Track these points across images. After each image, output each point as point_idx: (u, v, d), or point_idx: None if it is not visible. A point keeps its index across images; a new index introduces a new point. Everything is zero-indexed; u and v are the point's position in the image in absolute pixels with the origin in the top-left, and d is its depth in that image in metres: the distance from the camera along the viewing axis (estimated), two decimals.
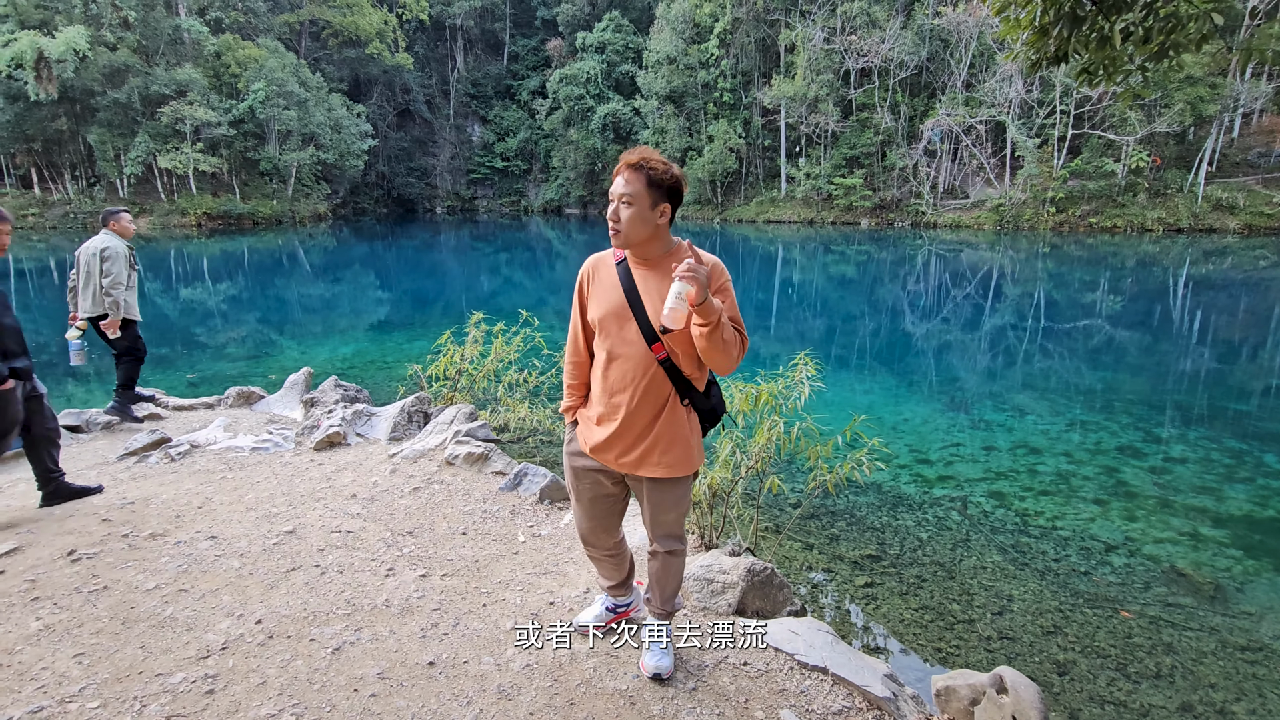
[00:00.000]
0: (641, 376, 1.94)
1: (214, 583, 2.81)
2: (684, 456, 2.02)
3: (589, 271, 2.06)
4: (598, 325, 2.00)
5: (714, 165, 37.77)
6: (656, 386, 1.96)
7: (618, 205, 1.87)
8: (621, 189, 1.86)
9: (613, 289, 1.97)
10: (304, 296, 15.58)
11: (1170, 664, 3.34)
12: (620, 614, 2.49)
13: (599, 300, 2.00)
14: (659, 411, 1.98)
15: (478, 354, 5.58)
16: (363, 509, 3.58)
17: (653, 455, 2.00)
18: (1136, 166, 27.97)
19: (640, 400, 1.96)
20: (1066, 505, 5.06)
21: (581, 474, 2.15)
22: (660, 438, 1.99)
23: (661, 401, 1.97)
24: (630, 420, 1.97)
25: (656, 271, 1.94)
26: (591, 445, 2.07)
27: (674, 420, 2.00)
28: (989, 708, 2.09)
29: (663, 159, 1.88)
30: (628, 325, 1.94)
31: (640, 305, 1.92)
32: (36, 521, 3.33)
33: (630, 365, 1.95)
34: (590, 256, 2.09)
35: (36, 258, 22.16)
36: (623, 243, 1.91)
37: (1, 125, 31.02)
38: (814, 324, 12.65)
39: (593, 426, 2.07)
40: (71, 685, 2.16)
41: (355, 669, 2.29)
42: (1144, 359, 9.75)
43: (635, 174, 1.84)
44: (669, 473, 2.01)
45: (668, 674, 2.27)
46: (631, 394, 1.95)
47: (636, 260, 1.97)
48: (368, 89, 47.13)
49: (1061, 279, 17.75)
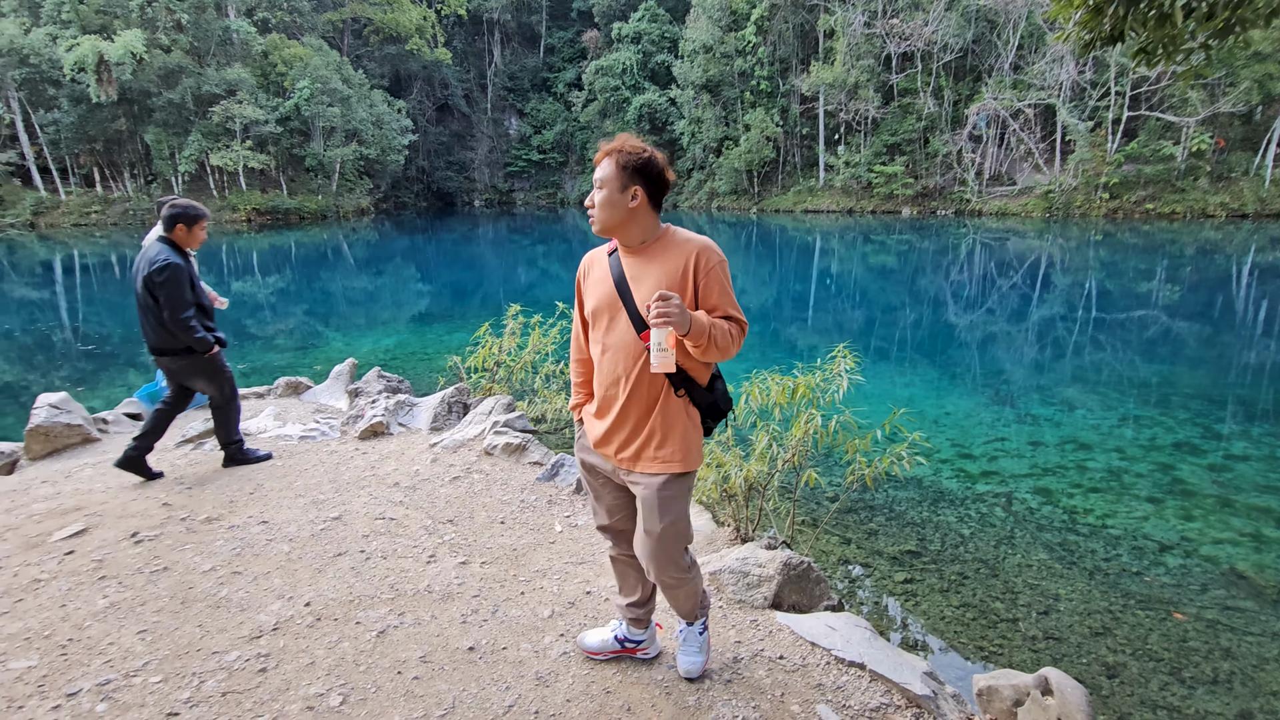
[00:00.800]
0: (633, 367, 1.90)
1: (265, 566, 2.92)
2: (679, 452, 1.94)
3: (585, 266, 2.05)
4: (591, 318, 2.00)
5: (751, 155, 37.30)
6: (650, 377, 1.90)
7: (594, 190, 1.89)
8: (597, 174, 1.87)
9: (603, 280, 1.96)
10: (348, 289, 15.99)
11: (1229, 669, 3.20)
12: (628, 649, 2.34)
13: (591, 293, 1.99)
14: (653, 403, 1.93)
15: (515, 346, 5.65)
16: (405, 497, 3.67)
17: (648, 449, 1.94)
18: (1198, 149, 26.61)
19: (633, 391, 1.92)
20: (1118, 503, 4.88)
21: (593, 470, 2.13)
22: (655, 430, 1.93)
23: (656, 393, 1.92)
24: (625, 412, 1.94)
25: (643, 259, 1.91)
26: (594, 439, 2.05)
27: (668, 412, 1.93)
28: (1033, 709, 2.04)
29: (640, 144, 1.86)
30: (619, 315, 1.91)
31: (629, 293, 1.89)
32: (103, 504, 3.51)
33: (622, 356, 1.91)
34: (589, 252, 2.09)
35: (99, 253, 23.25)
36: (598, 228, 1.89)
37: (66, 127, 32.57)
38: (852, 315, 12.43)
39: (593, 420, 2.07)
40: (136, 660, 2.29)
41: (399, 652, 2.36)
42: (1204, 351, 9.31)
43: (608, 159, 1.85)
44: (664, 468, 1.93)
45: (698, 674, 2.24)
46: (624, 385, 1.92)
47: (624, 249, 1.95)
48: (408, 84, 47.93)
49: (1115, 268, 17.04)
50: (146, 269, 3.71)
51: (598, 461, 2.10)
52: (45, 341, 10.64)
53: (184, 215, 3.84)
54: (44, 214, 32.74)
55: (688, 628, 2.27)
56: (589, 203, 1.89)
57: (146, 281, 3.71)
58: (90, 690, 2.13)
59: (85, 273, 19.07)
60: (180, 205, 3.87)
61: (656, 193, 1.89)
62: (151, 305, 3.76)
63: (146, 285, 3.72)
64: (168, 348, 3.85)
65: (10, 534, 3.17)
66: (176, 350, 3.85)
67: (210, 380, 4.00)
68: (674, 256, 1.87)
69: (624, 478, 2.04)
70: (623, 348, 1.92)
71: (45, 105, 32.63)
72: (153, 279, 3.68)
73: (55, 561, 2.91)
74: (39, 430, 4.48)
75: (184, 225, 3.85)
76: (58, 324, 12.11)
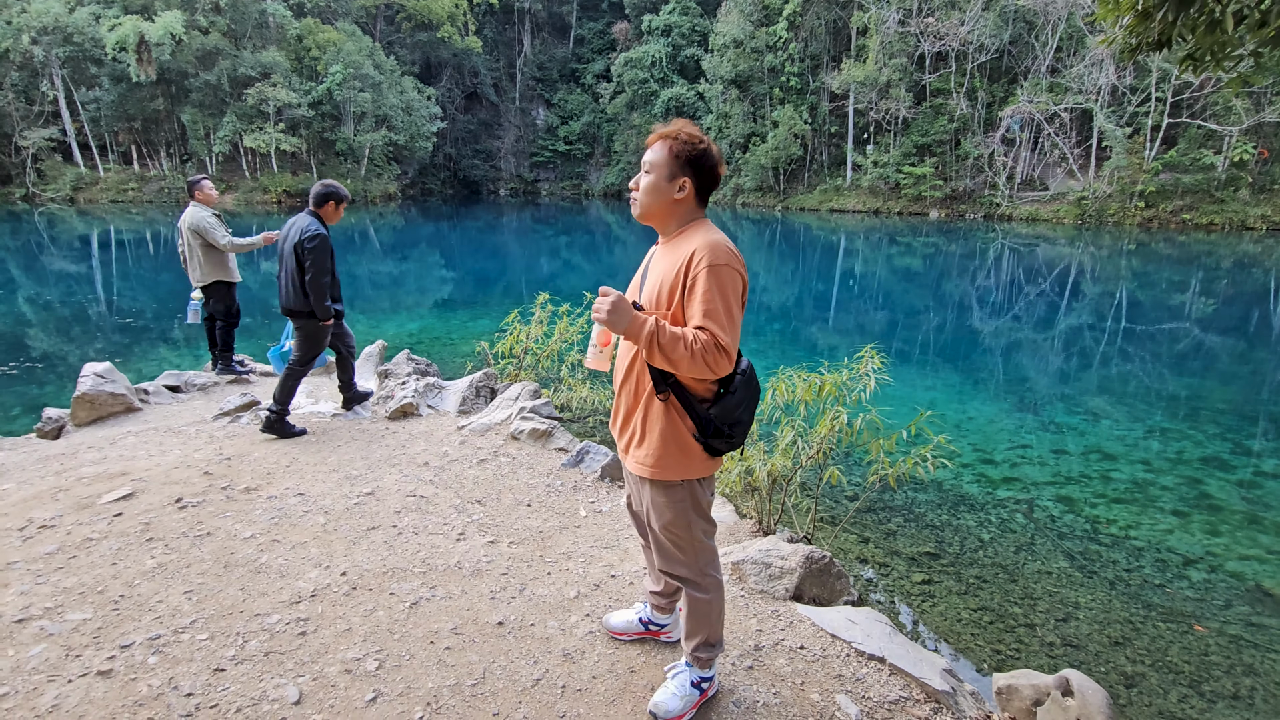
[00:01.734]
0: (631, 362, 1.86)
1: (302, 535, 3.03)
2: (652, 457, 1.83)
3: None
4: None
5: (778, 152, 37.04)
6: (640, 374, 1.85)
7: (640, 173, 1.82)
8: (647, 157, 1.81)
9: (639, 271, 1.94)
10: (374, 273, 16.22)
11: (1250, 685, 3.19)
12: (651, 632, 2.37)
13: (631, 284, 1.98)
14: (638, 401, 1.87)
15: (542, 334, 5.73)
16: (434, 476, 3.77)
17: (632, 446, 1.91)
18: (1240, 159, 25.91)
19: (624, 386, 1.90)
20: (1142, 515, 4.84)
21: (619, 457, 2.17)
22: (637, 429, 1.88)
23: (642, 391, 1.86)
24: (619, 404, 1.95)
25: (665, 250, 1.84)
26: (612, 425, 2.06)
27: (649, 414, 1.84)
28: (1053, 709, 2.07)
29: (699, 133, 1.78)
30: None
31: (640, 286, 1.87)
32: (147, 471, 3.65)
33: (625, 349, 1.88)
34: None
35: (135, 229, 23.80)
36: (639, 212, 1.82)
37: (106, 105, 33.31)
38: (876, 317, 12.35)
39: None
40: (183, 618, 2.40)
41: (431, 623, 2.44)
42: (1237, 366, 9.13)
43: (661, 143, 1.79)
44: (642, 470, 1.87)
45: (661, 715, 1.97)
46: (623, 379, 1.90)
47: (661, 239, 1.89)
48: (438, 72, 48.23)
49: (1147, 278, 16.71)
50: (298, 236, 4.19)
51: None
52: (82, 314, 10.96)
53: (334, 195, 4.35)
54: (83, 189, 33.57)
55: (684, 669, 2.06)
56: (633, 185, 1.82)
57: (297, 247, 4.19)
58: (142, 644, 2.24)
59: (121, 248, 19.54)
60: (331, 186, 4.36)
61: (706, 187, 1.81)
62: (295, 269, 4.23)
63: (296, 250, 4.19)
64: (297, 309, 4.32)
65: (62, 495, 3.32)
66: (302, 312, 4.32)
67: (308, 344, 4.42)
68: (679, 254, 1.76)
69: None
70: (624, 344, 1.89)
71: (87, 83, 33.40)
72: (304, 245, 4.16)
73: (105, 522, 3.04)
74: (85, 398, 4.66)
75: (333, 203, 4.35)
76: (94, 297, 12.45)
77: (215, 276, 5.49)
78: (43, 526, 3.00)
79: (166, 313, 11.24)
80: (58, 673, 2.10)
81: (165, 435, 4.34)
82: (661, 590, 2.26)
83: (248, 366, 5.97)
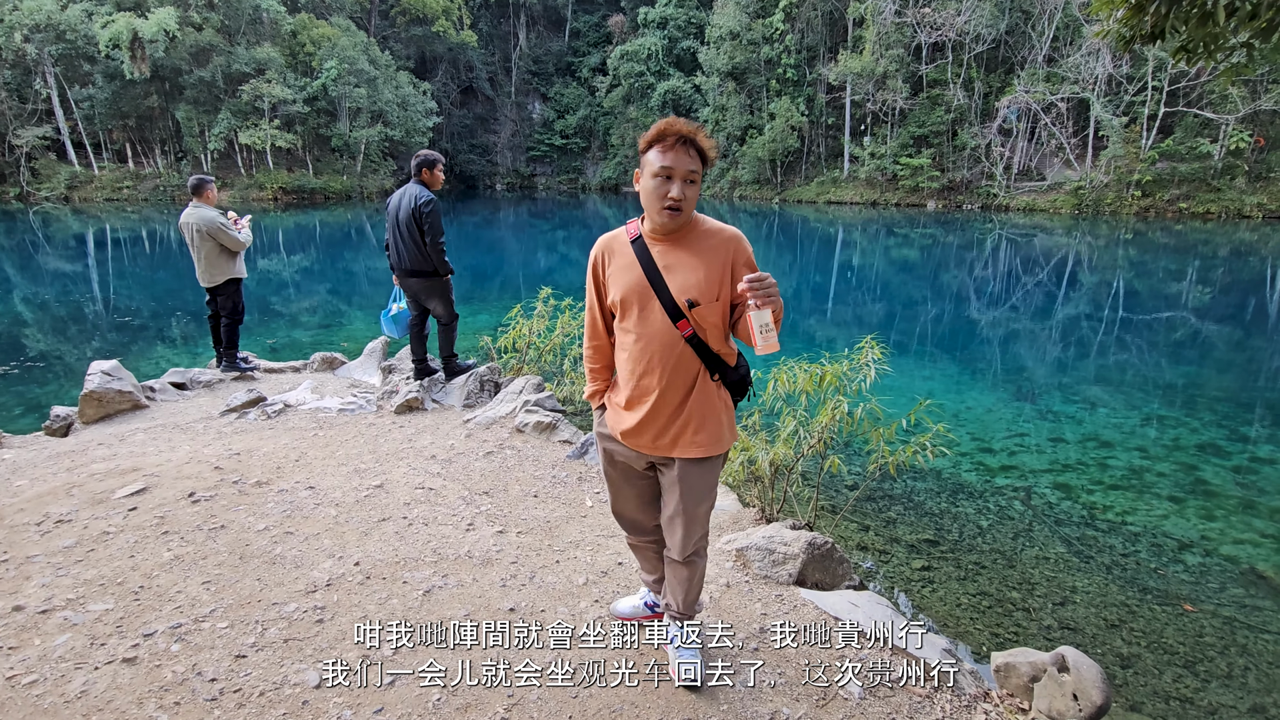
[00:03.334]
0: (669, 355, 1.87)
1: (315, 527, 3.09)
2: (717, 434, 1.97)
3: (602, 253, 1.96)
4: (619, 306, 1.92)
5: (775, 144, 36.98)
6: (685, 364, 1.89)
7: (682, 184, 1.77)
8: (688, 165, 1.76)
9: (630, 268, 1.89)
10: (371, 270, 16.24)
11: (1243, 665, 3.26)
12: (658, 614, 2.42)
13: (617, 281, 1.91)
14: (689, 390, 1.91)
15: (545, 328, 5.78)
16: (442, 469, 3.83)
17: (685, 435, 1.94)
18: (1236, 147, 25.95)
19: (670, 380, 1.89)
20: (1138, 501, 4.92)
21: (614, 457, 2.10)
22: (693, 416, 1.92)
23: (691, 379, 1.91)
24: (661, 401, 1.91)
25: (673, 247, 1.87)
26: (622, 431, 2.00)
27: (705, 397, 1.93)
28: (1049, 685, 2.13)
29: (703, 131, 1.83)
30: (650, 304, 1.87)
31: (661, 282, 1.85)
32: (159, 466, 3.70)
33: (657, 345, 1.88)
34: (602, 237, 1.98)
35: (131, 228, 23.76)
36: (682, 223, 1.84)
37: (100, 103, 33.13)
38: (874, 308, 12.41)
39: (621, 412, 2.01)
40: (203, 608, 2.45)
41: (444, 610, 2.50)
42: (1233, 354, 9.21)
43: (694, 150, 1.78)
44: (704, 451, 1.94)
45: (702, 682, 2.16)
46: (660, 374, 1.89)
47: (655, 237, 1.89)
48: (433, 66, 48.03)
49: (1144, 267, 16.78)
50: (412, 204, 4.59)
51: (620, 450, 2.06)
52: (79, 314, 10.98)
53: (427, 161, 4.73)
54: (78, 188, 33.44)
55: (681, 631, 2.23)
56: (678, 195, 1.76)
57: (414, 213, 4.58)
58: (164, 632, 2.30)
59: (117, 247, 19.52)
60: (423, 155, 4.72)
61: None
62: (413, 234, 4.63)
63: (414, 216, 4.58)
64: (420, 269, 4.76)
65: (76, 490, 3.37)
66: (427, 272, 4.77)
67: (442, 300, 4.96)
68: (711, 246, 1.85)
69: (657, 463, 2.04)
70: (657, 336, 1.88)
71: (80, 81, 33.22)
72: (420, 210, 4.57)
73: (121, 516, 3.10)
74: (93, 395, 4.70)
75: (427, 169, 4.71)
76: (91, 297, 12.46)
77: (227, 275, 5.54)
78: (59, 521, 3.06)
79: (164, 311, 11.27)
80: (84, 660, 2.16)
81: (174, 431, 4.39)
82: (660, 576, 2.34)
83: (252, 363, 6.02)
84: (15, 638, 2.26)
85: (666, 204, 1.78)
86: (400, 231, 4.69)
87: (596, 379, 2.14)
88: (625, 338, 1.94)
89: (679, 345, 1.87)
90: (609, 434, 2.08)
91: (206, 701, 2.01)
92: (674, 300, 1.84)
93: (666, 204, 1.78)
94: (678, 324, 1.85)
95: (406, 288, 4.98)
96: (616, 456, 2.09)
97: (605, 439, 2.10)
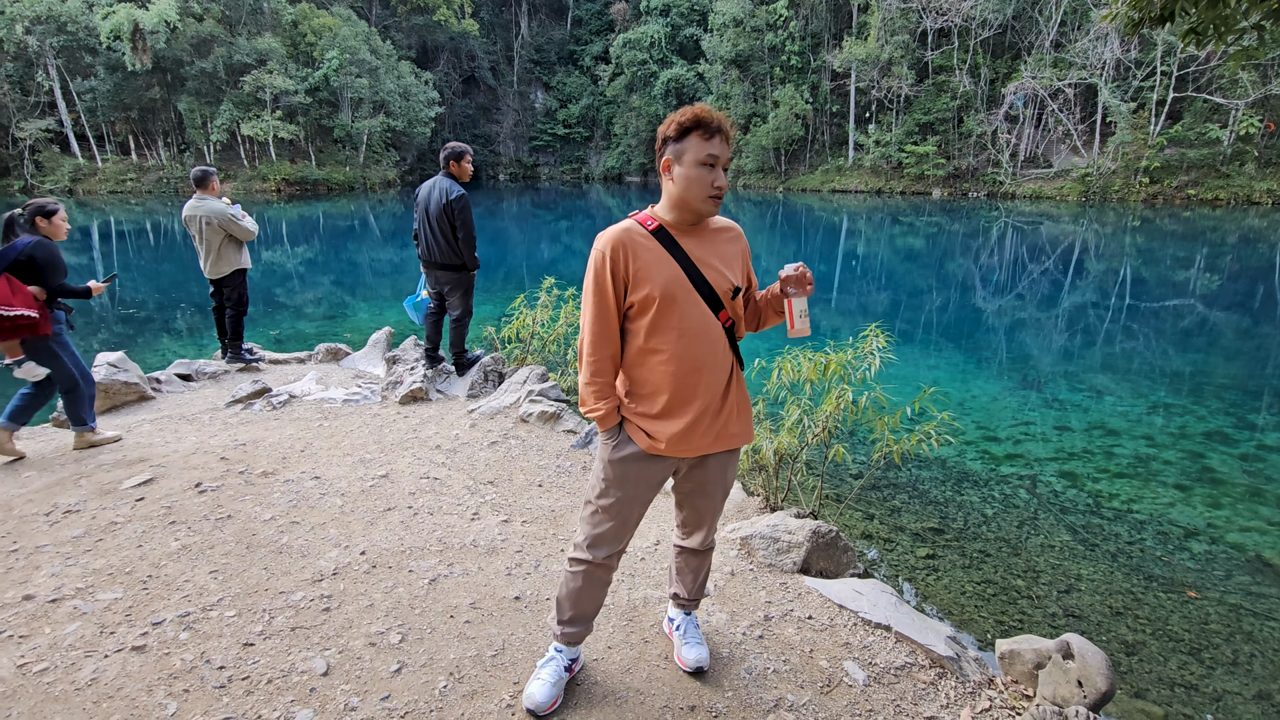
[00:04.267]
0: (713, 348, 1.83)
1: (321, 517, 3.10)
2: (750, 419, 1.99)
3: (620, 248, 1.76)
4: (657, 303, 1.75)
5: (779, 132, 36.75)
6: (724, 355, 1.86)
7: (721, 171, 1.75)
8: (727, 154, 1.74)
9: (663, 261, 1.77)
10: (374, 261, 16.24)
11: (1249, 652, 3.26)
12: (573, 670, 2.11)
13: (652, 276, 1.75)
14: (729, 381, 1.89)
15: (548, 318, 5.77)
16: (447, 459, 3.84)
17: (731, 425, 1.91)
18: (1246, 133, 25.66)
19: (716, 374, 1.84)
20: (1144, 489, 4.90)
21: (634, 477, 1.88)
22: (734, 406, 1.91)
23: (729, 369, 1.88)
24: (710, 397, 1.84)
25: (698, 239, 1.83)
26: (669, 438, 1.82)
27: (740, 384, 1.94)
28: (1054, 672, 2.14)
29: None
30: (690, 297, 1.77)
31: (699, 274, 1.78)
32: (165, 457, 3.72)
33: (703, 339, 1.80)
34: (610, 231, 1.79)
35: (135, 220, 23.79)
36: (717, 210, 1.83)
37: (102, 94, 33.14)
38: (878, 297, 12.36)
39: (657, 422, 1.84)
40: (210, 596, 2.47)
41: (450, 598, 2.52)
42: (1241, 342, 9.14)
43: (723, 138, 1.74)
44: (745, 439, 1.95)
45: (708, 668, 2.19)
46: (708, 369, 1.82)
47: (681, 229, 1.81)
48: (434, 56, 47.81)
49: (1152, 255, 16.65)
50: (444, 198, 4.62)
51: (649, 467, 1.88)
52: (84, 306, 11.01)
53: (453, 153, 4.76)
54: (82, 180, 33.51)
55: (687, 618, 2.27)
56: (724, 184, 1.75)
57: (446, 208, 4.62)
58: (173, 620, 2.32)
59: (121, 239, 19.57)
60: (452, 144, 4.75)
61: None
62: (443, 228, 4.67)
63: (446, 211, 4.62)
64: (450, 263, 4.79)
65: (84, 481, 3.39)
66: (455, 265, 4.80)
67: (465, 294, 4.98)
68: (729, 239, 1.90)
69: (687, 465, 1.95)
70: (703, 331, 1.80)
71: (82, 73, 33.22)
72: (453, 205, 4.60)
73: (128, 507, 3.12)
74: (99, 387, 4.72)
75: (455, 161, 4.74)
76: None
77: (234, 266, 5.55)
78: (68, 511, 3.08)
79: (169, 303, 11.30)
80: (94, 648, 2.18)
81: (180, 422, 4.41)
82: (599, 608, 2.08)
83: (257, 354, 6.03)
84: (26, 626, 2.28)
85: (712, 193, 1.75)
86: (430, 225, 4.72)
87: (607, 394, 1.85)
88: (661, 337, 1.78)
89: (721, 337, 1.84)
90: (636, 453, 1.86)
91: (215, 689, 2.03)
92: (714, 291, 1.81)
93: (712, 193, 1.75)
94: (719, 315, 1.84)
95: (433, 280, 5.00)
96: (643, 475, 1.88)
97: (630, 460, 1.86)
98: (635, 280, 1.77)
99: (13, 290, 3.44)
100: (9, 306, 3.41)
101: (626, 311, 1.81)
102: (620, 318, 1.82)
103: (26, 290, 3.51)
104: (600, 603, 2.06)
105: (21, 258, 3.52)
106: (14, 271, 3.51)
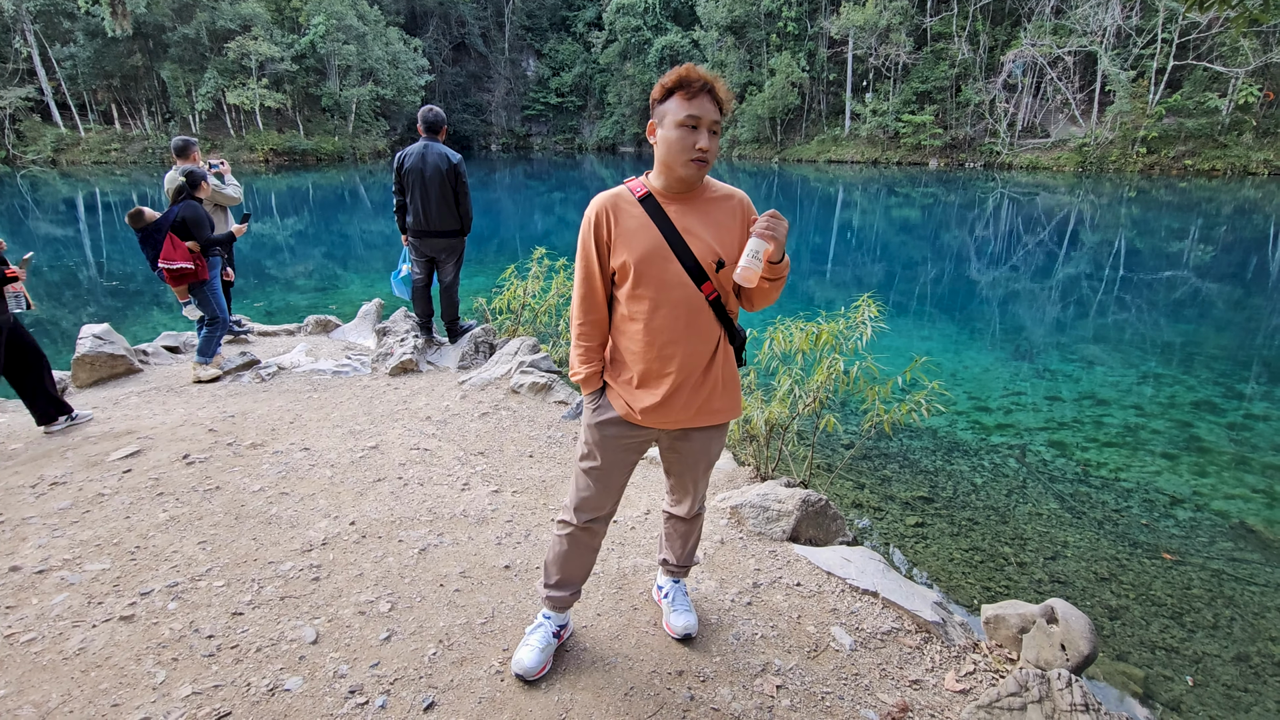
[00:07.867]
0: (695, 321, 1.76)
1: (310, 488, 3.09)
2: (738, 395, 1.92)
3: (605, 212, 1.75)
4: (632, 271, 1.73)
5: (775, 101, 36.20)
6: (709, 329, 1.79)
7: (707, 133, 1.64)
8: (712, 114, 1.65)
9: (644, 229, 1.72)
10: (365, 232, 16.03)
11: (1230, 616, 3.32)
12: (562, 636, 2.14)
13: (630, 243, 1.72)
14: (713, 355, 1.82)
15: (539, 289, 5.72)
16: (437, 430, 3.82)
17: (713, 401, 1.85)
18: (1245, 102, 25.42)
19: (696, 347, 1.78)
20: (1132, 458, 4.95)
21: (613, 443, 1.88)
22: (718, 381, 1.84)
23: (714, 344, 1.81)
24: (689, 370, 1.79)
25: (688, 207, 1.75)
26: (643, 409, 1.81)
27: (727, 360, 1.86)
28: (1038, 636, 2.16)
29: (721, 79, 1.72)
30: (669, 267, 1.72)
31: (682, 244, 1.71)
32: (153, 429, 3.69)
33: (681, 310, 1.74)
34: (600, 196, 1.77)
35: (121, 191, 23.36)
36: (704, 175, 1.73)
37: (83, 62, 32.26)
38: (873, 269, 12.31)
39: (634, 391, 1.82)
40: (199, 567, 2.47)
41: (440, 567, 2.52)
42: (1232, 314, 9.17)
43: (715, 99, 1.66)
44: (730, 415, 1.89)
45: (696, 634, 2.22)
46: (687, 341, 1.77)
47: (668, 196, 1.75)
48: (423, 22, 46.67)
49: (1146, 226, 16.60)
50: (445, 164, 4.60)
51: (627, 433, 1.88)
52: (71, 278, 10.86)
53: (442, 118, 4.73)
54: (65, 150, 32.81)
55: (676, 585, 2.29)
56: (706, 145, 1.65)
57: (448, 173, 4.62)
58: (161, 590, 2.32)
59: (107, 211, 19.23)
60: (435, 109, 4.71)
61: None
62: (444, 193, 4.66)
63: (448, 176, 4.62)
64: (449, 229, 4.78)
65: (70, 453, 3.36)
66: (453, 231, 4.81)
67: (458, 261, 5.01)
68: (727, 209, 1.77)
69: (670, 437, 1.92)
70: (682, 302, 1.74)
71: (61, 39, 32.29)
72: (456, 170, 4.62)
73: (115, 479, 3.10)
74: (85, 359, 4.67)
75: (445, 126, 4.77)
76: (83, 261, 12.32)
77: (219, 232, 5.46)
78: (54, 484, 3.06)
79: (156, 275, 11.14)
80: (81, 619, 2.18)
81: (167, 395, 4.38)
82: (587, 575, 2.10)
83: (245, 326, 5.97)
84: (13, 597, 2.28)
85: (694, 155, 1.65)
86: (429, 191, 4.63)
87: (591, 359, 1.87)
88: (638, 306, 1.75)
89: (704, 310, 1.76)
90: (614, 418, 1.86)
91: (204, 657, 2.03)
92: (697, 262, 1.73)
93: (694, 155, 1.65)
94: (702, 287, 1.74)
95: (428, 247, 4.88)
96: (622, 441, 1.88)
97: (608, 425, 1.87)
98: (615, 246, 1.75)
99: (174, 246, 4.39)
100: (171, 261, 4.38)
101: (613, 278, 1.80)
102: (609, 284, 1.81)
103: (184, 245, 4.43)
104: (588, 568, 2.06)
105: (176, 220, 4.41)
106: (175, 231, 4.41)
